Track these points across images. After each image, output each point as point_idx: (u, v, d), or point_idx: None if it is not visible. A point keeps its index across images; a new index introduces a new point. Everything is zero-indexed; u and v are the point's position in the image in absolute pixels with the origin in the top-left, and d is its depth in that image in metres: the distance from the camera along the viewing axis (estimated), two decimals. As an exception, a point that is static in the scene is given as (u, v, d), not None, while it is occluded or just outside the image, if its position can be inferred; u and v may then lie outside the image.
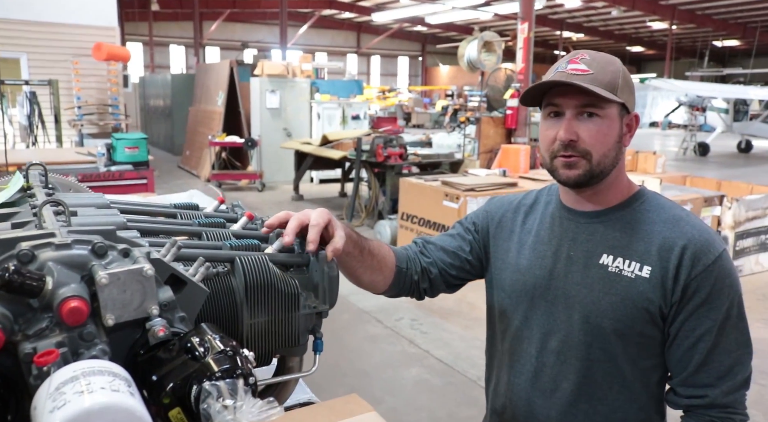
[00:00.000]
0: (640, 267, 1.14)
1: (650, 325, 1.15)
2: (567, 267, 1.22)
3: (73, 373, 0.61)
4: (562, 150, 1.15)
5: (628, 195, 1.22)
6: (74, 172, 4.51)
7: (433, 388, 3.63)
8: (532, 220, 1.31)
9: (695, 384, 1.14)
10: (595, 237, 1.20)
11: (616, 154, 1.16)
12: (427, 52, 39.39)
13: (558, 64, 1.18)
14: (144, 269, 0.74)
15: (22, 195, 1.18)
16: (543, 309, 1.24)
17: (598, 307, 1.17)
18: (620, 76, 1.14)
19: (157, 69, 26.67)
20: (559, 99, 1.15)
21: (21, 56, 9.25)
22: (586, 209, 1.23)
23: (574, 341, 1.20)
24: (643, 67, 40.67)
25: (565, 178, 1.16)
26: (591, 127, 1.13)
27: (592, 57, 1.15)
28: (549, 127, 1.17)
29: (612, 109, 1.14)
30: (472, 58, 7.76)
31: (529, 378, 1.27)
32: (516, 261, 1.29)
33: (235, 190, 10.34)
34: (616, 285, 1.16)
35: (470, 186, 5.51)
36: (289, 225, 1.04)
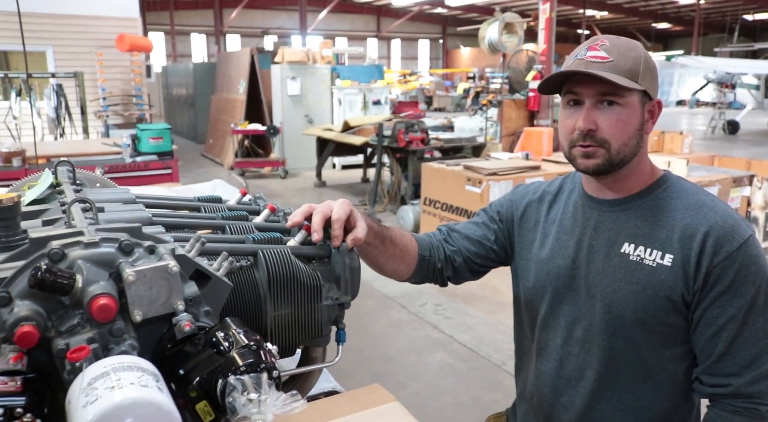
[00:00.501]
0: (661, 255, 1.13)
1: (673, 313, 1.13)
2: (589, 256, 1.21)
3: (104, 369, 0.63)
4: (580, 139, 1.13)
5: (650, 181, 1.20)
6: (101, 163, 4.59)
7: (458, 373, 3.65)
8: (556, 210, 1.30)
9: (719, 373, 1.12)
10: (616, 225, 1.19)
11: (637, 142, 1.14)
12: (447, 35, 38.97)
13: (578, 51, 1.15)
14: (169, 266, 0.76)
15: (51, 192, 1.21)
16: (567, 298, 1.24)
17: (620, 296, 1.16)
18: (642, 61, 1.11)
19: (179, 58, 26.87)
20: (578, 87, 1.13)
21: (47, 49, 9.40)
22: (608, 197, 1.21)
23: (596, 330, 1.20)
24: (669, 44, 39.72)
25: (583, 167, 1.16)
26: (611, 116, 1.11)
27: (612, 43, 1.12)
28: (568, 116, 1.16)
29: (633, 96, 1.11)
30: (493, 40, 7.66)
31: (554, 366, 1.28)
32: (540, 252, 1.29)
33: (258, 177, 10.42)
34: (637, 274, 1.14)
35: (492, 170, 5.47)
36: (314, 222, 1.05)
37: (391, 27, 35.79)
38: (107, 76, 9.40)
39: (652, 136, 6.86)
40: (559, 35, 34.46)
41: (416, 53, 40.25)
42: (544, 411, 1.32)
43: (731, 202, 5.63)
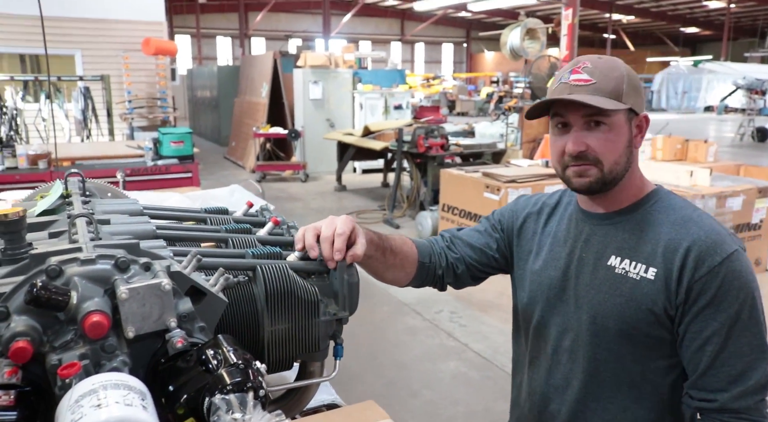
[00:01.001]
0: (645, 268, 1.15)
1: (656, 326, 1.15)
2: (579, 268, 1.24)
3: (92, 386, 0.65)
4: (572, 161, 1.16)
5: (640, 195, 1.22)
6: (123, 166, 4.68)
7: (471, 382, 3.63)
8: (552, 222, 1.34)
9: (705, 388, 1.12)
10: (605, 238, 1.22)
11: (627, 159, 1.17)
12: (471, 39, 38.86)
13: (561, 74, 1.18)
14: (162, 284, 0.78)
15: (61, 202, 1.24)
16: (558, 309, 1.27)
17: (604, 308, 1.18)
18: (624, 80, 1.14)
19: (204, 61, 27.22)
20: (564, 111, 1.16)
21: (75, 53, 9.61)
22: (599, 211, 1.24)
23: (582, 341, 1.23)
24: (698, 49, 39.09)
25: (578, 186, 1.18)
26: (599, 136, 1.14)
27: (594, 64, 1.15)
28: (558, 139, 1.19)
29: (619, 115, 1.14)
30: (514, 45, 7.63)
31: (544, 374, 1.31)
32: (535, 263, 1.33)
33: (280, 180, 10.50)
34: (621, 287, 1.17)
35: (511, 177, 5.44)
36: (307, 238, 1.08)
37: (414, 31, 35.82)
38: (133, 79, 9.57)
39: (675, 145, 6.76)
40: (584, 40, 34.24)
41: (440, 57, 40.20)
42: (534, 418, 1.35)
43: (756, 213, 5.51)
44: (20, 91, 7.91)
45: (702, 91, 29.51)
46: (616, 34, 32.16)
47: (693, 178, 5.15)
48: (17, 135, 7.80)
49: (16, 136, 7.77)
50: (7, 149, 4.44)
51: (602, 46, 32.13)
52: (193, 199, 2.60)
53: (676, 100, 30.06)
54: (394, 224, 7.24)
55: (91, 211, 1.11)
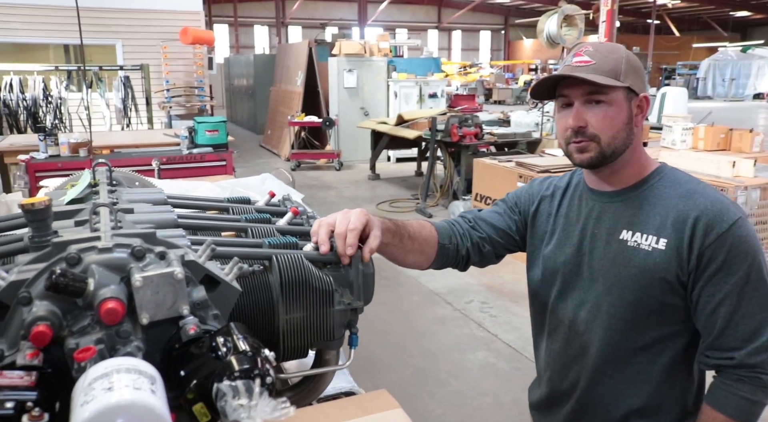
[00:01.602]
0: (656, 240, 1.22)
1: (670, 294, 1.23)
2: (592, 244, 1.32)
3: (104, 370, 0.68)
4: (573, 136, 1.24)
5: (646, 173, 1.30)
6: (159, 154, 4.79)
7: (499, 373, 3.62)
8: (564, 203, 1.42)
9: (721, 348, 1.21)
10: (615, 215, 1.29)
11: (627, 135, 1.24)
12: (509, 26, 38.25)
13: (566, 59, 1.28)
14: (175, 272, 0.80)
15: (90, 191, 1.29)
16: (574, 284, 1.36)
17: (620, 279, 1.26)
18: (623, 61, 1.22)
19: (241, 49, 27.51)
20: (567, 90, 1.25)
21: (116, 43, 9.84)
22: (607, 189, 1.32)
23: (599, 311, 1.31)
24: (749, 34, 37.56)
25: (579, 161, 1.27)
26: (598, 113, 1.22)
27: (596, 48, 1.24)
28: (562, 117, 1.27)
29: (617, 93, 1.22)
30: (551, 33, 7.47)
31: (562, 345, 1.40)
32: (550, 242, 1.41)
33: (314, 169, 10.59)
34: (634, 259, 1.24)
35: (545, 167, 5.37)
36: (320, 234, 1.10)
37: (452, 18, 35.42)
38: (171, 68, 9.76)
39: (719, 134, 6.53)
40: (627, 26, 33.34)
41: (477, 44, 39.70)
42: (555, 386, 1.45)
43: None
44: (64, 81, 8.15)
45: (752, 78, 28.45)
46: (661, 19, 31.16)
47: (735, 168, 4.98)
48: (61, 123, 8.05)
49: (60, 125, 8.02)
50: (50, 138, 4.58)
51: (645, 32, 31.21)
52: (224, 188, 2.64)
53: (723, 88, 29.05)
54: (426, 213, 7.23)
55: (115, 200, 1.15)
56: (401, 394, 3.35)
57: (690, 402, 1.34)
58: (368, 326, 4.13)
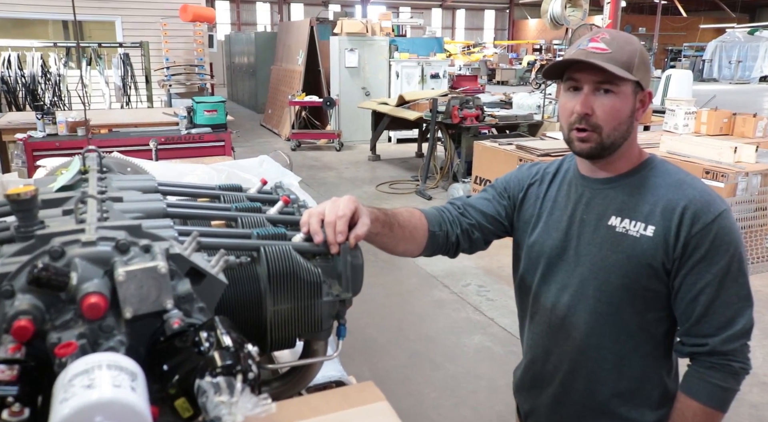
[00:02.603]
0: (645, 227, 1.25)
1: (655, 280, 1.26)
2: (580, 229, 1.34)
3: (85, 366, 0.68)
4: (577, 122, 1.25)
5: (638, 162, 1.33)
6: (158, 134, 4.77)
7: (495, 357, 3.65)
8: (553, 188, 1.43)
9: (697, 334, 1.25)
10: (605, 201, 1.32)
11: (627, 128, 1.26)
12: (514, 5, 37.75)
13: (580, 42, 1.26)
14: (158, 266, 0.79)
15: (80, 178, 1.28)
16: (558, 268, 1.38)
17: (606, 264, 1.29)
18: (637, 55, 1.23)
19: (243, 26, 27.24)
20: (578, 74, 1.24)
21: (116, 19, 9.74)
22: (599, 176, 1.34)
23: (583, 295, 1.33)
24: (758, 15, 37.07)
25: (579, 149, 1.28)
26: (605, 102, 1.23)
27: (612, 36, 1.24)
28: (568, 100, 1.27)
29: (627, 86, 1.23)
30: (555, 13, 7.39)
31: (544, 329, 1.42)
32: (536, 226, 1.42)
33: (314, 149, 10.55)
34: (622, 244, 1.27)
35: (545, 151, 5.34)
36: (312, 224, 1.09)
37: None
38: (171, 46, 9.67)
39: (721, 119, 6.48)
40: (633, 6, 32.91)
41: (481, 23, 39.28)
42: (537, 370, 1.48)
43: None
44: (63, 58, 8.09)
45: (758, 60, 28.18)
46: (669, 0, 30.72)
47: (737, 154, 4.95)
48: (60, 101, 8.00)
49: (59, 102, 7.98)
50: (48, 116, 4.56)
51: (652, 12, 30.79)
52: (220, 171, 2.63)
53: (729, 70, 28.79)
54: (426, 195, 7.22)
55: (104, 188, 1.14)
56: (397, 377, 3.40)
57: (670, 387, 1.37)
58: (365, 309, 4.16)
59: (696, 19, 33.84)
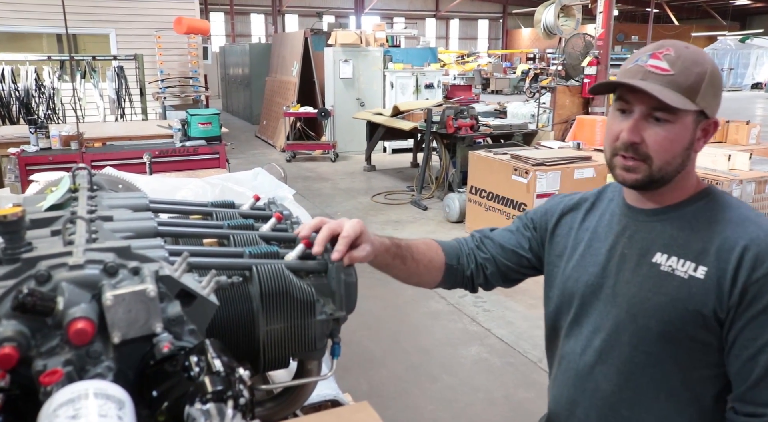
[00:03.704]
0: (694, 267, 1.07)
1: (703, 330, 1.07)
2: (619, 264, 1.17)
3: (71, 395, 0.66)
4: (622, 149, 1.10)
5: (693, 192, 1.15)
6: (152, 146, 4.76)
7: (492, 368, 3.62)
8: (592, 218, 1.27)
9: (754, 401, 1.04)
10: (651, 234, 1.15)
11: (682, 161, 1.10)
12: (508, 14, 38.01)
13: (638, 55, 1.10)
14: (147, 290, 0.78)
15: (69, 196, 1.26)
16: (593, 306, 1.21)
17: (646, 307, 1.11)
18: (706, 78, 1.05)
19: (238, 38, 27.32)
20: (630, 95, 1.08)
21: (110, 32, 9.75)
22: (647, 207, 1.18)
23: (618, 341, 1.15)
24: (748, 23, 37.40)
25: (621, 179, 1.13)
26: (659, 132, 1.07)
27: (678, 54, 1.06)
28: (615, 122, 1.12)
29: (687, 116, 1.06)
30: (548, 23, 7.42)
31: (572, 376, 1.25)
32: (571, 259, 1.26)
33: (309, 160, 10.54)
34: (666, 285, 1.09)
35: (540, 160, 5.34)
36: (320, 235, 1.07)
37: (449, 6, 35.20)
38: (165, 59, 9.68)
39: (715, 126, 6.50)
40: (626, 15, 33.16)
41: (475, 33, 39.50)
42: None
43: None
44: (57, 71, 8.08)
45: (750, 68, 28.39)
46: (660, 7, 30.96)
47: (731, 161, 4.96)
48: (54, 114, 7.98)
49: (54, 116, 7.96)
50: (41, 130, 4.54)
51: (644, 21, 31.05)
52: (214, 185, 2.62)
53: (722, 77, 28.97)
54: (421, 205, 7.21)
55: (93, 207, 1.13)
56: (394, 391, 3.37)
57: None
58: (362, 321, 4.13)
59: (688, 27, 34.12)
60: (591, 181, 5.44)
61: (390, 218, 6.88)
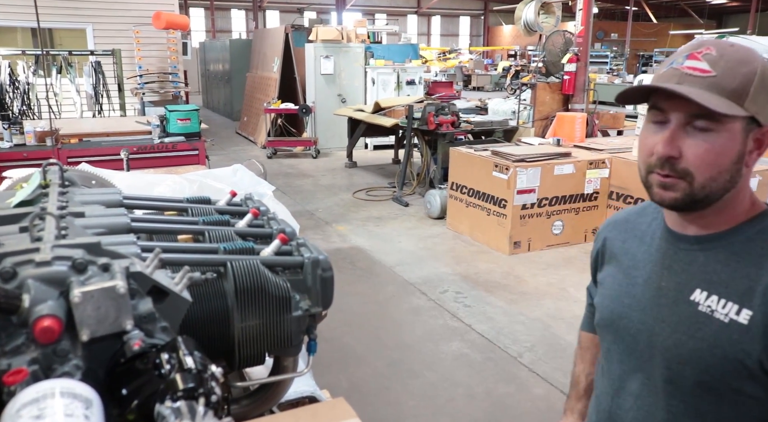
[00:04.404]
0: (738, 310, 0.93)
1: (748, 381, 0.93)
2: (656, 299, 1.04)
3: (35, 395, 0.64)
4: (658, 166, 0.95)
5: (745, 218, 0.99)
6: (131, 143, 4.69)
7: (472, 363, 3.64)
8: (633, 240, 1.14)
9: None
10: (692, 267, 1.00)
11: (731, 177, 0.94)
12: (489, 11, 38.16)
13: (674, 57, 0.96)
14: (117, 287, 0.77)
15: (40, 192, 1.24)
16: (626, 343, 1.09)
17: (682, 352, 0.98)
18: (756, 79, 0.90)
19: (218, 34, 27.07)
20: (665, 103, 0.94)
21: (87, 27, 9.58)
22: (689, 233, 1.02)
23: (654, 388, 1.04)
24: (724, 22, 37.97)
25: (659, 199, 0.98)
26: (700, 144, 0.92)
27: (721, 53, 0.92)
28: (650, 135, 0.97)
29: (735, 123, 0.91)
30: (529, 20, 7.46)
31: (603, 418, 1.14)
32: (609, 287, 1.15)
33: (290, 156, 10.49)
34: (704, 328, 0.96)
35: (520, 156, 5.37)
36: None
37: (431, 3, 35.22)
38: (144, 54, 9.54)
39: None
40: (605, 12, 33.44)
41: (457, 30, 39.58)
42: None
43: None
44: (32, 66, 7.93)
45: (725, 66, 28.80)
46: (639, 6, 31.27)
47: None
48: (29, 110, 7.84)
49: (29, 111, 7.81)
50: (15, 126, 4.45)
51: (623, 18, 31.37)
52: (191, 181, 2.59)
53: None
54: (403, 202, 7.21)
55: (64, 204, 1.11)
56: (375, 387, 3.37)
57: None
58: (343, 318, 4.12)
59: (666, 25, 34.53)
60: (571, 177, 5.48)
61: (371, 214, 6.87)
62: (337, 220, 6.62)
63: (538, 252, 5.48)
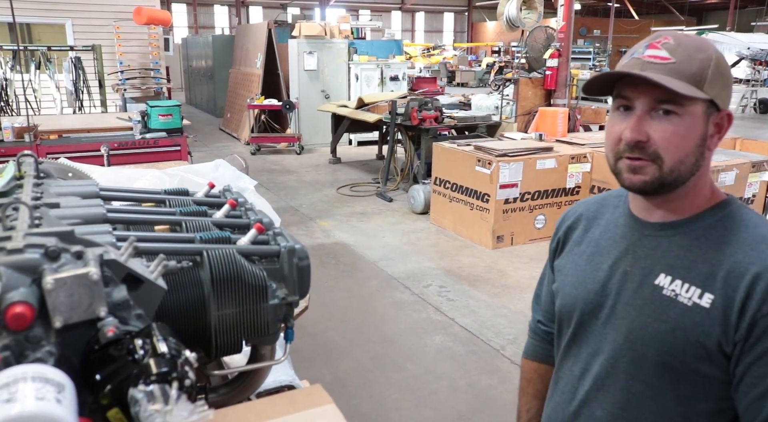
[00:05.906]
0: (700, 293, 0.97)
1: (707, 363, 0.97)
2: (621, 284, 1.07)
3: (6, 380, 0.65)
4: (627, 151, 0.98)
5: (707, 205, 1.03)
6: (111, 139, 4.65)
7: (455, 356, 3.66)
8: (596, 228, 1.16)
9: None
10: (656, 252, 1.04)
11: (696, 160, 0.98)
12: (473, 7, 38.22)
13: (635, 48, 1.01)
14: (90, 273, 0.77)
15: (15, 184, 1.23)
16: (591, 327, 1.12)
17: (645, 334, 1.02)
18: (711, 65, 0.95)
19: (201, 30, 26.85)
20: (629, 91, 0.98)
21: (66, 22, 9.47)
22: (653, 219, 1.06)
23: (616, 368, 1.07)
24: (704, 18, 38.43)
25: (629, 183, 1.01)
26: (666, 127, 0.95)
27: (678, 42, 0.97)
28: (616, 123, 1.00)
29: (696, 106, 0.95)
30: (511, 16, 7.50)
31: (566, 399, 1.17)
32: (572, 273, 1.17)
33: (274, 152, 10.45)
34: (667, 311, 0.99)
35: (503, 151, 5.41)
36: None
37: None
38: (125, 50, 9.45)
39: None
40: (587, 9, 33.69)
41: (441, 26, 39.62)
42: None
43: (749, 188, 5.49)
44: (9, 61, 7.82)
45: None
46: (621, 2, 31.54)
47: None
48: (7, 106, 7.74)
49: (7, 108, 7.71)
50: (-7, 122, 4.40)
51: (605, 15, 31.63)
52: (172, 176, 2.58)
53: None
54: (386, 197, 7.23)
55: (38, 194, 1.10)
56: (358, 380, 3.38)
57: None
58: (326, 312, 4.13)
59: (647, 22, 34.85)
60: (553, 172, 5.53)
61: (355, 210, 6.88)
62: (321, 216, 6.62)
63: (520, 246, 5.53)
